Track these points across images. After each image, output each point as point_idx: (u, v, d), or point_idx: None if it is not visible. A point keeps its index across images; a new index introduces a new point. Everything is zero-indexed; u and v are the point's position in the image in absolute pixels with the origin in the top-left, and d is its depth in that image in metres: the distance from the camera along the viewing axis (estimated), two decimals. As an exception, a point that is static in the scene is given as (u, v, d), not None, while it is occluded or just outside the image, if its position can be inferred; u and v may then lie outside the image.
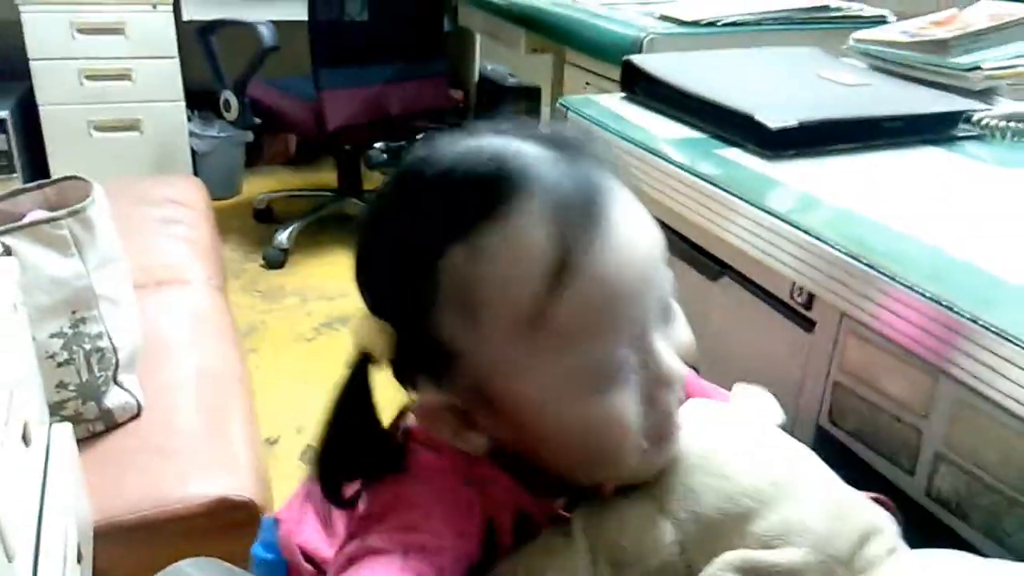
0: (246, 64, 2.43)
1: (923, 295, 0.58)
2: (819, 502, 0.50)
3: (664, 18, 1.83)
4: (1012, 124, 0.95)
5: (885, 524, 0.52)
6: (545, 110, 2.74)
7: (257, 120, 2.48)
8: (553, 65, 2.61)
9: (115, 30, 2.60)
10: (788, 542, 0.49)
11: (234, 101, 2.44)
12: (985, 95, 1.02)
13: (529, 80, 3.12)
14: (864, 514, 0.51)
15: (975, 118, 0.96)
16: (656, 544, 0.50)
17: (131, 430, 1.16)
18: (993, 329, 0.54)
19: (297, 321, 2.30)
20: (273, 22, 2.41)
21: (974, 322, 0.55)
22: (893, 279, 0.61)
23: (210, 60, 2.49)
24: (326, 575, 0.60)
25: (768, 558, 0.48)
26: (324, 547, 0.61)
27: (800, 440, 0.55)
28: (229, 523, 1.06)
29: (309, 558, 0.61)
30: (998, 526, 0.58)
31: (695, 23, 1.81)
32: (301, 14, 2.38)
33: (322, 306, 2.36)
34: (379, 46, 2.47)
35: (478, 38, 3.17)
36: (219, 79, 2.50)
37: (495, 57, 3.27)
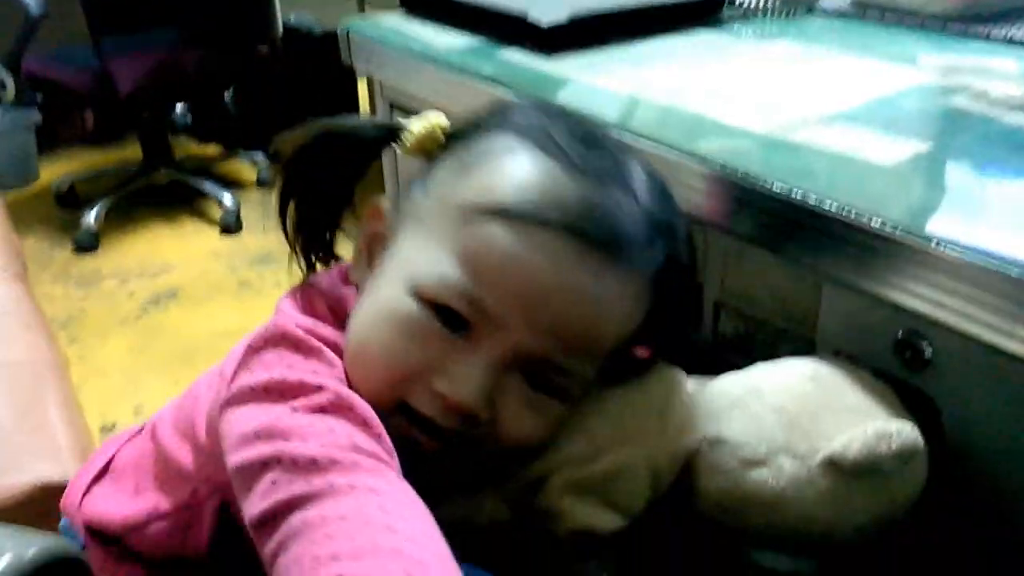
0: (16, 37, 2.23)
1: (681, 151, 0.62)
2: (616, 402, 0.52)
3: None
4: (770, 2, 1.01)
5: (672, 378, 0.54)
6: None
7: (39, 95, 2.29)
8: (357, 7, 2.55)
9: None
10: (603, 451, 0.51)
11: (8, 79, 2.25)
12: (746, -21, 1.07)
13: (336, 27, 3.03)
14: (652, 384, 0.54)
15: (738, 0, 1.01)
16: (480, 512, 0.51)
17: (-69, 433, 1.07)
18: (741, 173, 0.57)
19: (119, 303, 2.17)
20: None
21: (723, 171, 0.58)
22: (658, 143, 0.64)
23: (-27, 37, 2.27)
24: (119, 540, 0.60)
25: (589, 471, 0.50)
26: (121, 511, 0.61)
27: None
28: (56, 508, 1.00)
29: (97, 531, 0.60)
30: (775, 355, 0.63)
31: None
32: (70, -23, 2.19)
33: (145, 284, 2.24)
34: (164, 8, 2.31)
35: (274, -12, 3.04)
36: (-12, 57, 2.28)
37: (298, 5, 3.14)
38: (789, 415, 0.50)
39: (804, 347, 0.61)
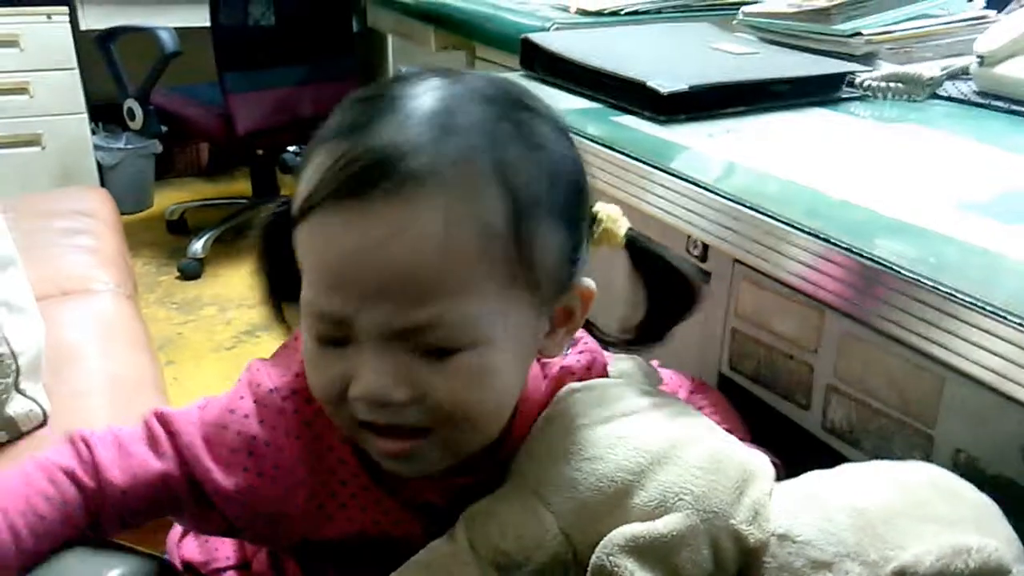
0: (149, 72, 2.37)
1: (803, 231, 0.61)
2: (694, 461, 0.51)
3: (569, 10, 1.86)
4: (891, 84, 0.99)
5: (760, 467, 0.53)
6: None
7: (164, 128, 2.43)
8: (465, 62, 2.63)
9: (9, 42, 2.50)
10: (669, 508, 0.49)
11: (138, 109, 2.38)
12: (866, 59, 1.07)
13: (443, 80, 3.12)
14: (738, 461, 0.52)
15: (857, 80, 1.00)
16: (540, 539, 0.50)
17: (38, 439, 1.11)
18: (868, 256, 0.56)
19: (216, 331, 2.25)
20: (176, 29, 2.36)
21: (849, 251, 0.57)
22: (776, 219, 0.63)
23: (111, 69, 2.43)
24: None
25: (652, 529, 0.48)
26: (203, 555, 0.67)
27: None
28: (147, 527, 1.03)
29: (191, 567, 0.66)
30: (888, 449, 0.60)
31: (599, 13, 1.84)
32: (204, 20, 2.33)
33: (242, 314, 2.31)
34: (286, 49, 2.44)
35: (390, 39, 3.16)
36: (122, 88, 2.43)
37: (409, 58, 3.26)
38: (864, 518, 0.47)
39: (920, 443, 0.58)
